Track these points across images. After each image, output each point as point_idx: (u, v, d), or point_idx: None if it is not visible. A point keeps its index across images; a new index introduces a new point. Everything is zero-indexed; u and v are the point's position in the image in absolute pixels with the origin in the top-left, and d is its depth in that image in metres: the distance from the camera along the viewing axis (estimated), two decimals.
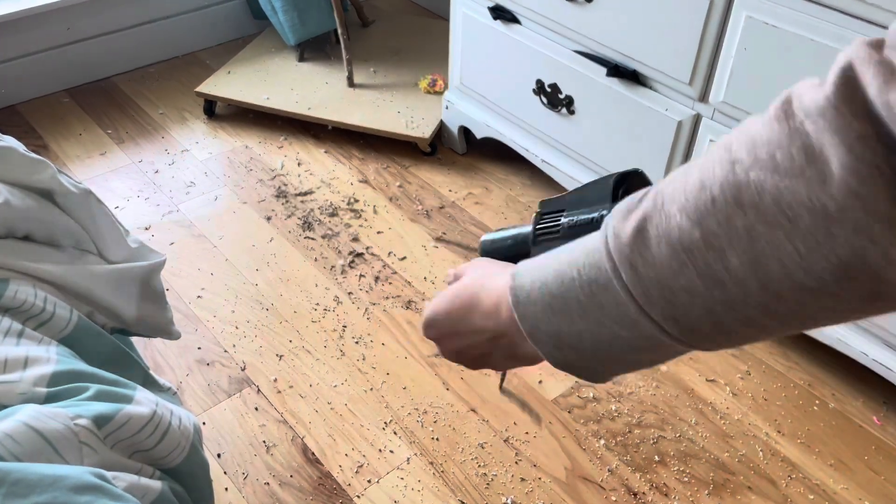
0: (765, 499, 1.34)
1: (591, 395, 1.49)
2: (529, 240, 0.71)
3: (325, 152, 2.10)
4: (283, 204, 1.92)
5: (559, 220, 0.67)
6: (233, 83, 2.20)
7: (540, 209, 0.73)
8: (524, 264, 0.55)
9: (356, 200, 1.94)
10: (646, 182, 0.65)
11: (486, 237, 0.82)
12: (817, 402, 1.51)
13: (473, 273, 0.63)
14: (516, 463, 1.38)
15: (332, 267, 1.76)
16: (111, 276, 0.98)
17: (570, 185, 1.74)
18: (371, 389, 1.50)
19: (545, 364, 0.55)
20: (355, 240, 1.83)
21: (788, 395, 1.52)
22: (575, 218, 0.65)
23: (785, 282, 0.41)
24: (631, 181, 0.66)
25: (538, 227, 0.71)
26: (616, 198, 0.64)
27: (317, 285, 1.71)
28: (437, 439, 1.41)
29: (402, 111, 2.12)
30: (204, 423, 1.42)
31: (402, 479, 1.35)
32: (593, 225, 0.63)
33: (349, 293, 1.69)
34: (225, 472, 1.35)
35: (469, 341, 0.62)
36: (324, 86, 2.22)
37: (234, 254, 1.79)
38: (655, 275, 0.44)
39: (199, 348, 1.56)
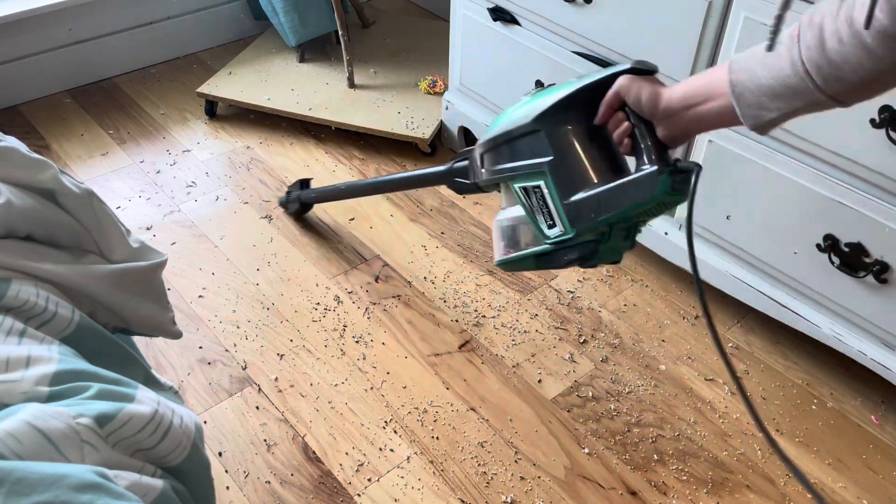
0: (763, 497, 1.35)
1: (591, 394, 1.50)
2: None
3: (326, 153, 2.11)
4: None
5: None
6: (234, 84, 2.21)
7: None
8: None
9: (357, 201, 1.95)
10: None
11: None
12: (816, 401, 1.51)
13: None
14: (516, 462, 1.39)
15: (333, 267, 1.76)
16: (113, 276, 0.98)
17: None
18: (371, 388, 1.50)
19: (544, 364, 0.56)
20: (356, 240, 1.83)
21: (787, 394, 1.52)
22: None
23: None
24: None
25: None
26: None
27: (317, 285, 1.72)
28: (437, 438, 1.42)
29: (402, 112, 2.13)
30: (205, 422, 1.43)
31: (402, 477, 1.36)
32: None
33: (349, 293, 1.70)
34: (226, 471, 1.35)
35: None
36: (324, 86, 2.22)
37: (235, 254, 1.79)
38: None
39: (200, 347, 1.57)
